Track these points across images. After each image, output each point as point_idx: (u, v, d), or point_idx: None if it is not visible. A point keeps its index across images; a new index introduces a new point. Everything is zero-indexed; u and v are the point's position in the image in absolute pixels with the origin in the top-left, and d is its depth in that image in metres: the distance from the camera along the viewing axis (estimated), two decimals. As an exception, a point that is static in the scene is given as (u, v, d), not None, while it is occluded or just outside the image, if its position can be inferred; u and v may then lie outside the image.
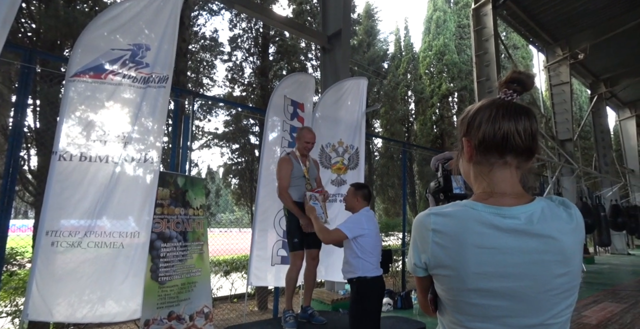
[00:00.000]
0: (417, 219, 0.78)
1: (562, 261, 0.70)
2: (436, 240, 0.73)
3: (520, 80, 0.78)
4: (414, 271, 0.81)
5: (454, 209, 0.74)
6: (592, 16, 11.17)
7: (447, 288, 0.74)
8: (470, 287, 0.70)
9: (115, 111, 2.76)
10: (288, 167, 3.06)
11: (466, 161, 0.82)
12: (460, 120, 0.83)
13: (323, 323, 2.96)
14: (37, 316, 2.38)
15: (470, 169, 0.82)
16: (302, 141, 3.19)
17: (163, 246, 2.89)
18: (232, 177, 9.02)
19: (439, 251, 0.73)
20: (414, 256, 0.79)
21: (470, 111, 0.80)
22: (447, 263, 0.72)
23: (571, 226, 0.72)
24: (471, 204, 0.74)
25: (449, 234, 0.72)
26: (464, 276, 0.70)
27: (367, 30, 14.83)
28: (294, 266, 3.01)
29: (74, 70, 2.66)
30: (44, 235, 2.44)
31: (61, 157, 2.55)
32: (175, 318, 2.87)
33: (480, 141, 0.76)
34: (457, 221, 0.73)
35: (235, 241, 6.96)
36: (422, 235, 0.76)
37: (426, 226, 0.75)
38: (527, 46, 17.20)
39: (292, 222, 3.01)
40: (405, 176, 8.14)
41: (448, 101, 15.33)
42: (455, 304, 0.73)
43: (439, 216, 0.74)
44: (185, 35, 6.78)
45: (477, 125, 0.77)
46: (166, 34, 2.91)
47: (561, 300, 0.71)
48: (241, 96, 8.98)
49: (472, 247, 0.70)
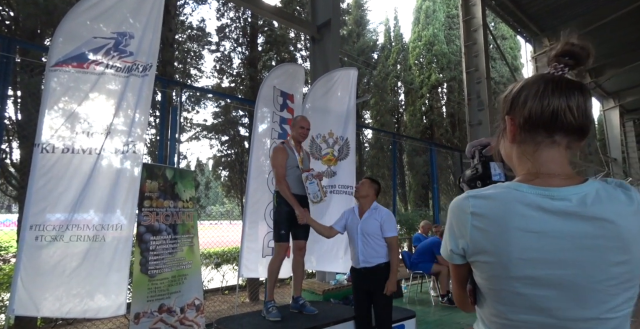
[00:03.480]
0: (454, 203, 0.73)
1: (621, 248, 0.63)
2: (475, 224, 0.68)
3: (573, 53, 0.70)
4: (450, 258, 0.75)
5: (495, 191, 0.69)
6: (578, 7, 11.26)
7: (488, 276, 0.69)
8: (514, 274, 0.65)
9: (100, 102, 2.69)
10: (284, 157, 3.01)
11: (509, 141, 0.76)
12: (503, 98, 0.77)
13: (314, 313, 2.98)
14: (24, 311, 2.35)
15: (513, 149, 0.76)
16: (297, 127, 3.14)
17: (152, 239, 2.86)
18: (222, 170, 8.94)
19: (478, 236, 0.68)
20: (450, 241, 0.74)
21: (514, 88, 0.74)
22: (488, 249, 0.67)
23: (631, 209, 0.65)
24: (515, 185, 0.69)
25: (490, 217, 0.67)
26: (507, 263, 0.65)
27: (357, 20, 14.68)
28: (277, 256, 3.00)
29: (55, 59, 2.58)
30: (28, 229, 2.39)
31: (44, 149, 2.49)
32: (166, 311, 2.87)
33: (526, 118, 0.70)
34: (498, 203, 0.67)
35: (226, 233, 6.94)
36: (459, 219, 0.71)
37: (464, 209, 0.70)
38: (515, 37, 17.29)
39: (282, 213, 2.97)
40: (395, 167, 8.20)
41: (437, 91, 15.37)
42: (497, 294, 0.68)
43: (478, 198, 0.69)
44: (171, 25, 6.62)
45: (522, 102, 0.71)
46: (150, 22, 2.83)
47: (620, 292, 0.64)
48: (230, 87, 8.85)
49: (515, 230, 0.64)
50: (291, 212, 2.93)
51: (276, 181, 3.02)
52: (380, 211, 2.75)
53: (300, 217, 2.89)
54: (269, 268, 3.04)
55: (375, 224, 2.69)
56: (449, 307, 4.72)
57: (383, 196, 13.56)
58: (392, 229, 2.71)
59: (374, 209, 2.76)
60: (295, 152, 3.09)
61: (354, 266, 2.80)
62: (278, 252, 3.00)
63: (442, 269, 4.95)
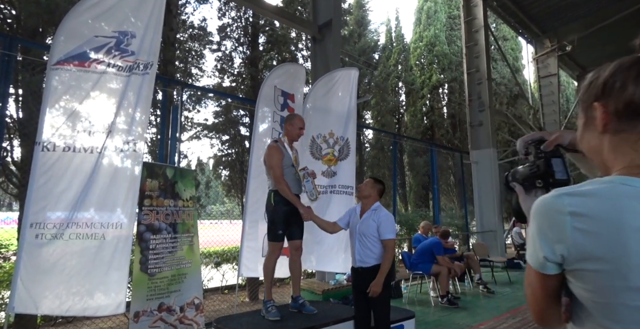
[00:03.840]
0: (543, 203, 0.63)
1: None
2: (578, 226, 0.58)
3: None
4: (543, 267, 0.64)
5: (595, 187, 0.61)
6: (580, 8, 11.26)
7: (597, 287, 0.59)
8: (634, 284, 0.55)
9: (101, 101, 2.70)
10: (280, 156, 2.97)
11: (598, 132, 0.67)
12: (588, 84, 0.69)
13: (313, 312, 2.98)
14: (23, 309, 2.36)
15: (604, 140, 0.67)
16: (295, 127, 3.11)
17: (152, 238, 2.86)
18: (223, 169, 8.95)
19: (583, 240, 0.58)
20: (544, 247, 0.62)
21: (604, 72, 0.67)
22: (598, 254, 0.57)
23: None
24: (621, 180, 0.60)
25: (597, 218, 0.58)
26: (625, 271, 0.55)
27: (358, 21, 14.68)
28: (272, 255, 2.98)
29: (56, 58, 2.59)
30: (29, 227, 2.39)
31: (44, 147, 2.49)
32: (166, 310, 2.87)
33: (626, 104, 0.62)
34: (605, 200, 0.58)
35: (226, 233, 6.94)
36: (553, 221, 0.61)
37: (559, 209, 0.60)
38: (517, 38, 17.28)
39: (280, 212, 2.93)
40: (395, 168, 8.20)
41: (438, 92, 15.37)
42: (609, 308, 0.58)
43: (576, 196, 0.60)
44: (172, 24, 6.62)
45: (619, 87, 0.63)
46: (151, 21, 2.84)
47: None
48: (231, 86, 8.86)
49: (634, 231, 0.55)
50: (288, 212, 2.91)
51: (275, 181, 2.95)
52: (379, 213, 2.72)
53: (305, 216, 2.86)
54: (264, 267, 3.03)
55: (373, 225, 2.67)
56: (448, 308, 4.72)
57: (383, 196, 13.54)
58: (390, 231, 2.67)
59: (374, 210, 2.73)
60: (289, 150, 3.07)
61: (352, 266, 2.81)
62: (272, 251, 2.98)
63: (442, 269, 4.95)
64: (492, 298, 5.35)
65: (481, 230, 8.81)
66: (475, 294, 5.61)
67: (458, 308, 4.70)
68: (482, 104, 9.25)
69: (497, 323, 4.05)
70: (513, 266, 7.73)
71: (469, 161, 9.24)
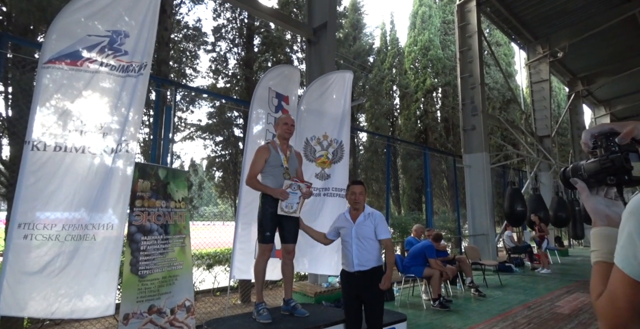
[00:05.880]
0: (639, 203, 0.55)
1: None
2: None
3: None
4: None
5: None
6: (571, 15, 11.46)
7: None
8: None
9: (93, 100, 2.66)
10: (263, 156, 2.99)
11: None
12: None
13: (305, 315, 2.97)
14: (8, 310, 2.30)
15: None
16: (280, 125, 3.13)
17: (143, 239, 2.83)
18: (216, 170, 8.90)
19: None
20: None
21: None
22: None
23: None
24: None
25: None
26: None
27: (353, 24, 14.76)
28: (261, 257, 2.98)
29: (48, 56, 2.55)
30: (16, 228, 2.34)
31: (34, 147, 2.45)
32: (156, 312, 2.83)
33: None
34: None
35: (219, 234, 6.89)
36: None
37: None
38: (510, 44, 17.50)
39: (265, 214, 2.93)
40: (389, 170, 8.22)
41: (432, 96, 15.49)
42: None
43: None
44: (167, 24, 6.58)
45: None
46: (146, 20, 2.82)
47: None
48: (225, 87, 8.83)
49: None
50: (275, 214, 2.90)
51: (246, 181, 2.99)
52: (373, 215, 2.79)
53: (284, 195, 2.86)
54: (254, 269, 3.02)
55: (370, 227, 2.74)
56: (440, 311, 4.73)
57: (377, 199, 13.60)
58: (387, 231, 2.78)
59: (369, 213, 2.80)
60: (280, 151, 3.07)
61: (346, 270, 2.80)
62: (262, 253, 2.98)
63: (434, 272, 4.96)
64: (483, 301, 5.37)
65: (473, 233, 8.86)
66: (467, 297, 5.64)
67: (450, 311, 4.71)
68: (475, 108, 9.34)
69: (488, 326, 4.07)
70: (504, 270, 7.81)
71: (461, 165, 9.31)
